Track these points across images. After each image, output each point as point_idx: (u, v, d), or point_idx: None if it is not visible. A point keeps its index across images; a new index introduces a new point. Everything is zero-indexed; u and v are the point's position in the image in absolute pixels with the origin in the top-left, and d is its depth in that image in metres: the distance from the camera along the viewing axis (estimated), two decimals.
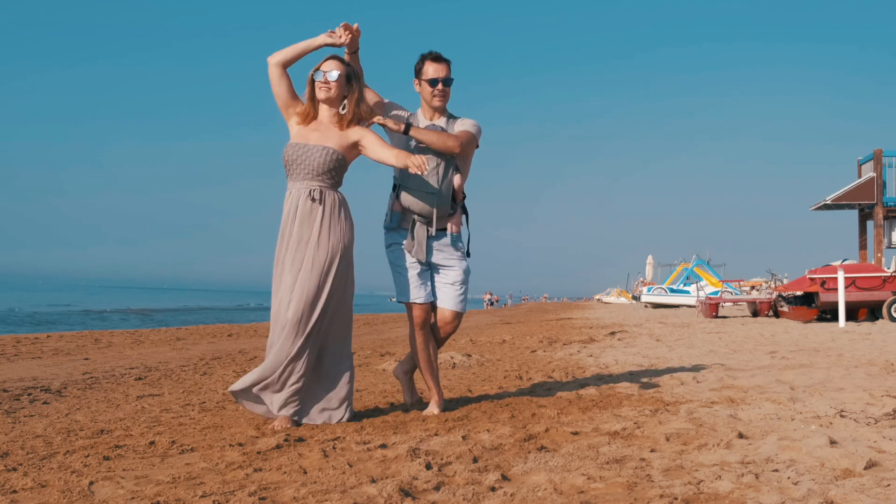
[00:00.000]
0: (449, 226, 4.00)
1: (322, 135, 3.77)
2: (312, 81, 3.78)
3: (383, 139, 3.87)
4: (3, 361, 7.56)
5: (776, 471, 2.60)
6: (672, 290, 32.40)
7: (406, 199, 3.91)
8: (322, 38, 3.77)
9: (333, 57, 3.81)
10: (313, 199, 3.70)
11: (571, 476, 2.59)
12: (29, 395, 4.95)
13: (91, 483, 2.59)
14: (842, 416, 3.57)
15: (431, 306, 4.03)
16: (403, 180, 3.91)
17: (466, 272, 4.04)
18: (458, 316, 4.07)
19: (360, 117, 3.84)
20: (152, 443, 3.26)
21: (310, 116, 3.81)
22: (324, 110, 3.82)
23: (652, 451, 2.96)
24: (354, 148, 3.81)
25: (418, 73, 4.00)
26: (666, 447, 3.04)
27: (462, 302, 4.07)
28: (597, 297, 70.58)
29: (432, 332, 4.07)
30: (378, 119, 3.87)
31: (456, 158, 3.95)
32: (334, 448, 3.10)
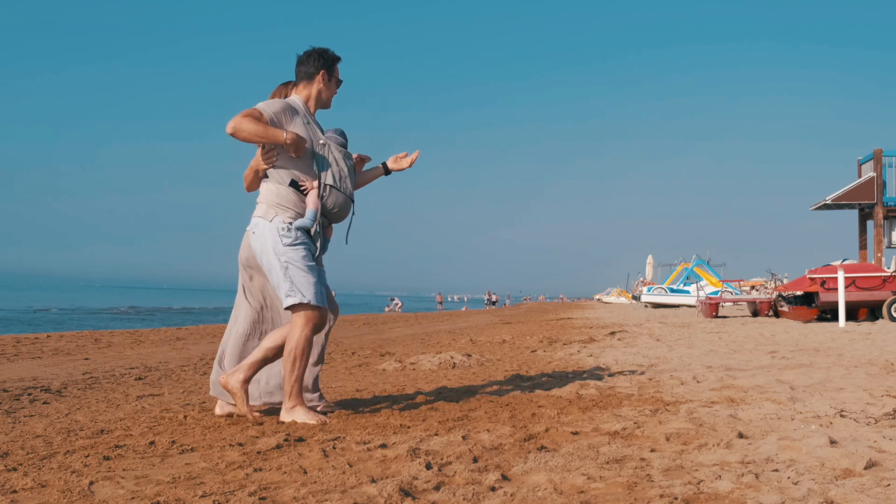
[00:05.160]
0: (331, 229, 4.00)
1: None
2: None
3: None
4: (3, 361, 7.56)
5: (776, 471, 2.61)
6: (672, 290, 32.41)
7: (334, 199, 3.81)
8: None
9: None
10: None
11: (571, 476, 2.59)
12: (29, 395, 4.95)
13: (91, 483, 2.59)
14: (842, 416, 3.57)
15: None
16: (339, 181, 3.82)
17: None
18: None
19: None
20: (152, 443, 3.26)
21: None
22: None
23: (652, 450, 2.96)
24: None
25: (331, 70, 3.89)
26: (666, 447, 3.04)
27: None
28: (597, 296, 70.61)
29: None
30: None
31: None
32: (334, 448, 3.10)
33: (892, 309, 13.92)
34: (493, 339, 11.04)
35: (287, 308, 3.68)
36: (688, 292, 30.61)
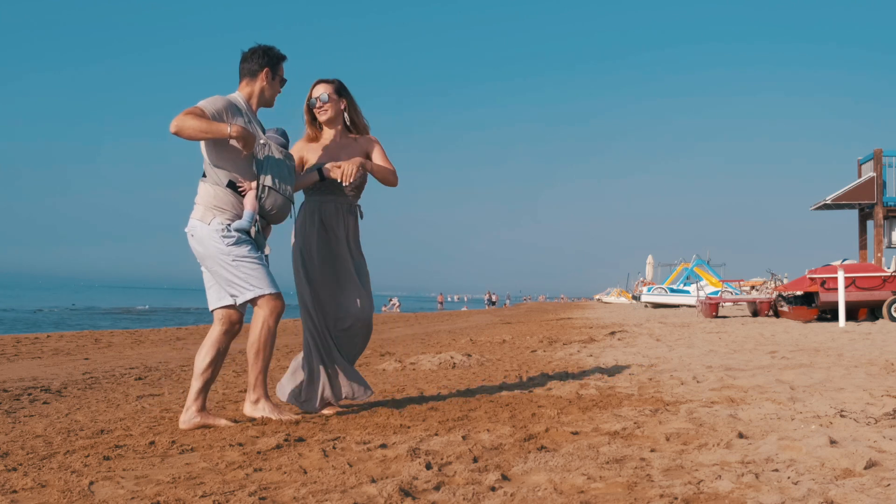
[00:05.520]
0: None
1: (329, 155, 4.06)
2: (310, 110, 4.09)
3: (384, 152, 4.16)
4: (3, 361, 7.57)
5: (776, 471, 2.61)
6: (672, 290, 32.41)
7: (272, 201, 3.73)
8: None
9: (319, 81, 4.08)
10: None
11: (571, 476, 2.59)
12: (29, 395, 4.95)
13: (91, 483, 2.59)
14: (842, 416, 3.57)
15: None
16: (278, 183, 3.74)
17: None
18: None
19: (357, 123, 4.16)
20: (152, 443, 3.26)
21: (314, 139, 4.12)
22: (327, 130, 4.13)
23: (652, 450, 2.96)
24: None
25: (275, 68, 3.84)
26: (666, 447, 3.04)
27: None
28: (597, 296, 70.61)
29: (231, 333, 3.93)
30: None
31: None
32: (334, 448, 3.10)
33: (892, 309, 13.93)
34: (493, 339, 11.04)
35: (244, 303, 3.72)
36: (688, 292, 30.60)
